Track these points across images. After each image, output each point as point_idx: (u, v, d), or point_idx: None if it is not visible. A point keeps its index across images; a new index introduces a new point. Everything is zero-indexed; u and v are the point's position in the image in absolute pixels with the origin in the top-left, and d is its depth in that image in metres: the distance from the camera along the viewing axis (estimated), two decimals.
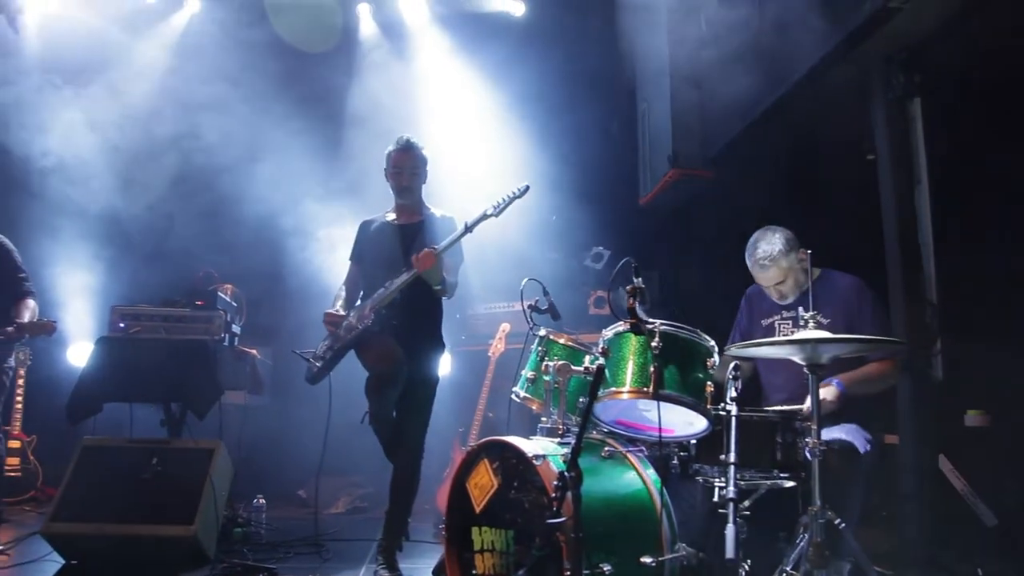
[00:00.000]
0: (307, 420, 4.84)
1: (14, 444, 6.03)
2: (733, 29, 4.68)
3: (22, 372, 6.10)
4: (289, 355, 4.18)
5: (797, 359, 2.72)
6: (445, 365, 5.62)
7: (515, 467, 2.74)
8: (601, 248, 5.92)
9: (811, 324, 2.73)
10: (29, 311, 4.45)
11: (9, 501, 5.48)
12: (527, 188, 3.83)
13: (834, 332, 3.01)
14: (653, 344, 2.68)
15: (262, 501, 4.97)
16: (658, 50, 5.73)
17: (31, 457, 6.18)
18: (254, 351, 5.45)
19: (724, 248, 4.65)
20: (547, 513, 2.37)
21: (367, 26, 7.00)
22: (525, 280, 3.41)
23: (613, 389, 2.73)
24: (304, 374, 3.98)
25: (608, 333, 2.88)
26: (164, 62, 6.85)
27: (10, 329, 4.27)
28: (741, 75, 4.65)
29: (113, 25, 6.66)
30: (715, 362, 2.81)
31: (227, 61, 6.39)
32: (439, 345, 4.08)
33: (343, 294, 4.12)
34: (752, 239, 3.53)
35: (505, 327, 5.44)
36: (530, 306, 3.39)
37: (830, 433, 3.10)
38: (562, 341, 3.16)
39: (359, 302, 4.02)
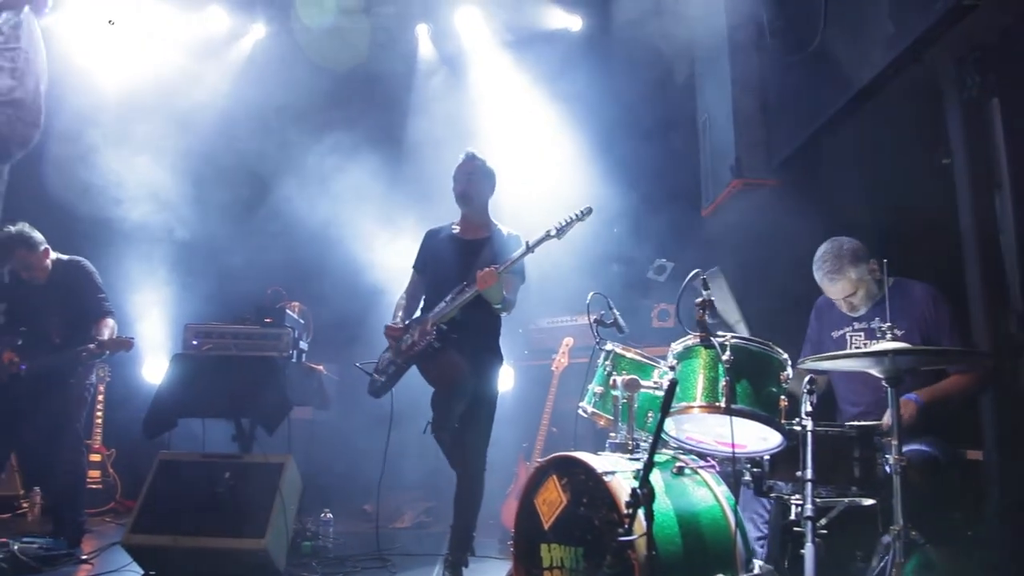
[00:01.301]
0: (373, 435, 4.88)
1: (94, 457, 6.26)
2: (797, 34, 4.59)
3: (101, 388, 6.34)
4: (354, 371, 4.22)
5: (875, 372, 2.63)
6: (508, 380, 5.64)
7: (584, 483, 2.71)
8: (664, 260, 5.85)
9: (888, 336, 2.64)
10: (108, 329, 4.65)
11: (91, 512, 5.68)
12: (590, 210, 3.80)
13: (910, 343, 2.91)
14: (724, 358, 2.63)
15: (329, 515, 5.04)
16: (718, 58, 5.67)
17: (110, 470, 6.40)
18: (320, 367, 5.55)
19: (790, 259, 4.54)
20: (618, 530, 2.33)
21: (426, 46, 7.09)
22: (591, 294, 3.39)
23: (683, 404, 2.69)
24: (367, 387, 4.02)
25: (677, 347, 2.84)
26: (230, 86, 7.07)
27: (92, 346, 4.48)
28: (806, 80, 4.56)
29: (182, 52, 6.89)
30: (789, 376, 2.74)
31: (292, 83, 6.57)
32: (498, 359, 4.08)
33: (404, 303, 4.16)
34: (820, 251, 3.44)
35: (568, 341, 5.41)
36: (595, 320, 3.37)
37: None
38: (630, 355, 3.13)
39: (419, 313, 4.06)
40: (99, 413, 6.37)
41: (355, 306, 6.15)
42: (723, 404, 2.59)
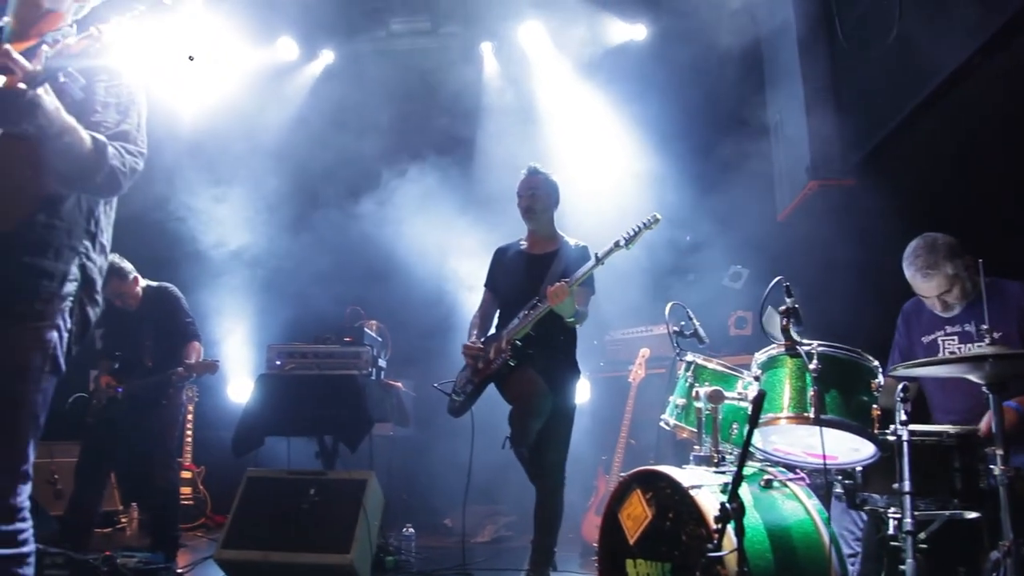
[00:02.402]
0: (451, 449, 4.93)
1: (185, 474, 6.50)
2: (871, 27, 4.46)
3: (191, 408, 6.59)
4: (431, 386, 4.27)
5: (974, 378, 2.51)
6: (584, 392, 5.61)
7: (670, 497, 2.67)
8: (739, 267, 5.74)
9: (987, 339, 2.52)
10: (196, 352, 4.83)
11: (184, 527, 5.89)
12: (657, 219, 3.74)
13: (1009, 346, 2.76)
14: (811, 367, 2.55)
15: (411, 530, 5.09)
16: (788, 56, 5.55)
17: (200, 486, 6.63)
18: (399, 384, 5.63)
19: (871, 262, 4.39)
20: (707, 546, 2.29)
21: (490, 63, 7.15)
22: (669, 304, 3.34)
23: (770, 415, 2.62)
24: (446, 407, 4.06)
25: (761, 356, 2.78)
26: (301, 111, 7.28)
27: (180, 370, 4.66)
28: (882, 74, 4.42)
29: (254, 80, 7.13)
30: (880, 383, 2.64)
31: (362, 106, 6.72)
32: (576, 373, 4.06)
33: (478, 322, 4.17)
34: (912, 247, 3.30)
35: (645, 352, 5.35)
36: (675, 331, 3.31)
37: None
38: (711, 366, 3.07)
39: (493, 330, 4.07)
40: (189, 432, 6.62)
41: (431, 322, 6.23)
42: (812, 414, 2.52)
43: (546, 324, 3.82)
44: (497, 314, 4.12)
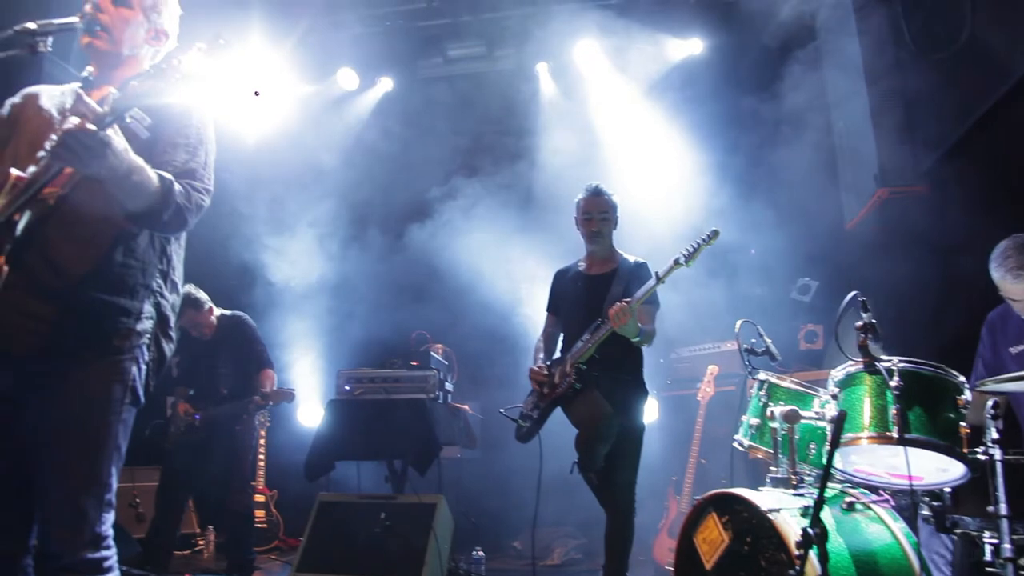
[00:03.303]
0: (519, 471, 4.92)
1: (259, 498, 6.63)
2: (939, 29, 4.32)
3: (263, 433, 6.74)
4: (498, 408, 4.27)
5: None
6: (652, 411, 5.52)
7: (747, 521, 2.60)
8: (808, 279, 5.60)
9: None
10: (270, 380, 4.95)
11: (258, 550, 6.00)
12: (716, 233, 3.65)
13: None
14: (893, 384, 2.46)
15: (481, 553, 5.08)
16: (851, 62, 5.41)
17: (273, 510, 6.76)
18: (466, 406, 5.65)
19: (948, 270, 4.23)
20: (789, 572, 2.22)
21: (547, 84, 7.17)
22: (739, 322, 3.27)
23: (850, 435, 2.53)
24: (513, 433, 4.04)
25: (838, 374, 2.69)
26: (362, 139, 7.43)
27: (256, 398, 4.79)
28: (952, 77, 4.27)
29: (316, 110, 7.32)
30: (967, 400, 2.52)
31: (421, 131, 6.83)
32: (643, 393, 3.99)
33: (542, 346, 4.14)
34: (1001, 248, 3.13)
35: (713, 369, 5.24)
36: (746, 348, 3.24)
37: None
38: (785, 384, 2.99)
39: (558, 354, 4.05)
40: (262, 457, 6.76)
41: (495, 344, 6.25)
42: (895, 434, 2.42)
43: (610, 345, 3.78)
44: (561, 337, 4.09)
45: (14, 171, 2.01)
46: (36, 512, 2.10)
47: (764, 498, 2.57)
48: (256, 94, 5.89)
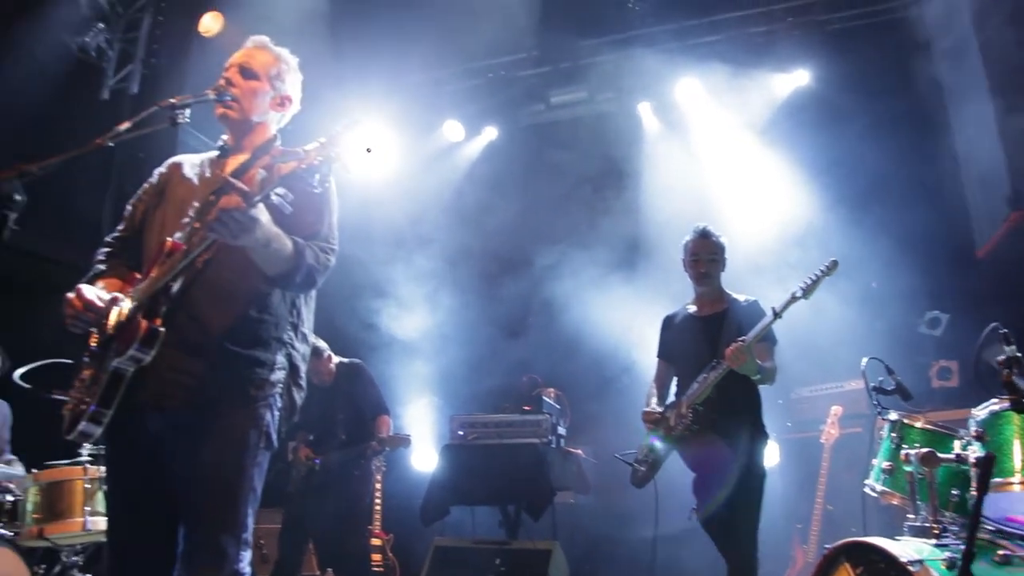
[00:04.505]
0: (634, 518, 4.81)
1: (376, 542, 6.73)
2: None
3: (379, 477, 6.87)
4: (611, 453, 4.20)
5: None
6: (772, 455, 5.30)
7: (884, 573, 2.43)
8: (937, 312, 5.28)
9: None
10: (386, 426, 5.07)
11: None
12: (835, 264, 3.53)
13: None
14: None
15: None
16: (972, 76, 5.15)
17: (389, 554, 6.84)
18: (579, 451, 5.60)
19: None
20: None
21: (650, 123, 7.13)
22: (865, 359, 3.11)
23: (1000, 480, 2.35)
24: (628, 478, 3.97)
25: (980, 413, 2.51)
26: (468, 187, 7.61)
27: (373, 443, 4.91)
28: None
29: (423, 161, 7.57)
30: None
31: (528, 177, 6.95)
32: (763, 435, 3.85)
33: (655, 391, 4.08)
34: None
35: (837, 410, 5.00)
36: (874, 387, 3.08)
37: None
38: (919, 425, 2.81)
39: (672, 398, 3.96)
40: (378, 501, 6.88)
41: (607, 387, 6.19)
42: None
43: (727, 386, 3.68)
44: (674, 381, 4.02)
45: (169, 239, 2.21)
46: (178, 551, 2.23)
47: (903, 548, 2.41)
48: (368, 151, 6.13)
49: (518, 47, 7.12)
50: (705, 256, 3.91)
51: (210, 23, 6.37)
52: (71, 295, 2.24)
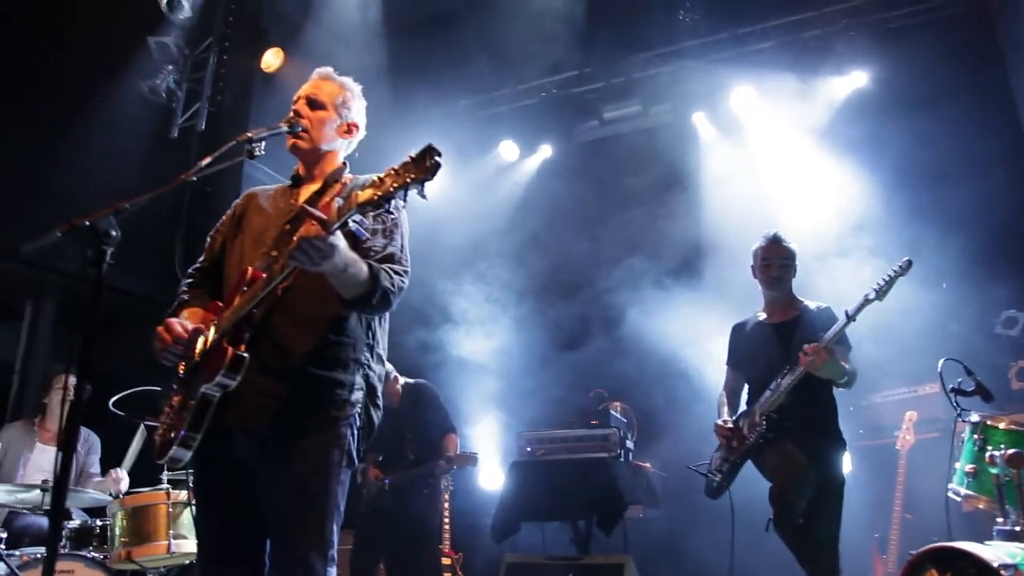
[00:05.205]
0: (708, 530, 4.75)
1: (446, 561, 6.77)
2: None
3: (446, 496, 6.93)
4: (681, 465, 4.18)
5: None
6: (845, 464, 5.19)
7: None
8: (1014, 311, 5.11)
9: None
10: (453, 445, 5.14)
11: None
12: (910, 263, 3.48)
13: None
14: None
15: None
16: None
17: (459, 572, 6.86)
18: (647, 464, 5.57)
19: None
20: None
21: (706, 132, 7.08)
22: (942, 360, 3.05)
23: None
24: (703, 489, 3.94)
25: None
26: (525, 205, 7.68)
27: (442, 462, 4.98)
28: None
29: (479, 182, 7.67)
30: None
31: (580, 191, 6.98)
32: (840, 443, 3.80)
33: (725, 401, 4.05)
34: None
35: (911, 415, 4.86)
36: (953, 389, 3.01)
37: None
38: (1003, 426, 2.74)
39: (743, 407, 3.93)
40: (446, 520, 6.93)
41: (673, 401, 6.13)
42: None
43: (801, 392, 3.64)
44: (745, 390, 3.98)
45: (250, 268, 2.31)
46: (266, 569, 2.31)
47: (995, 552, 2.35)
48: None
49: (570, 65, 7.22)
50: (777, 261, 3.89)
51: (271, 59, 6.63)
52: (160, 328, 2.34)
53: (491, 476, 7.00)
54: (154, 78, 6.38)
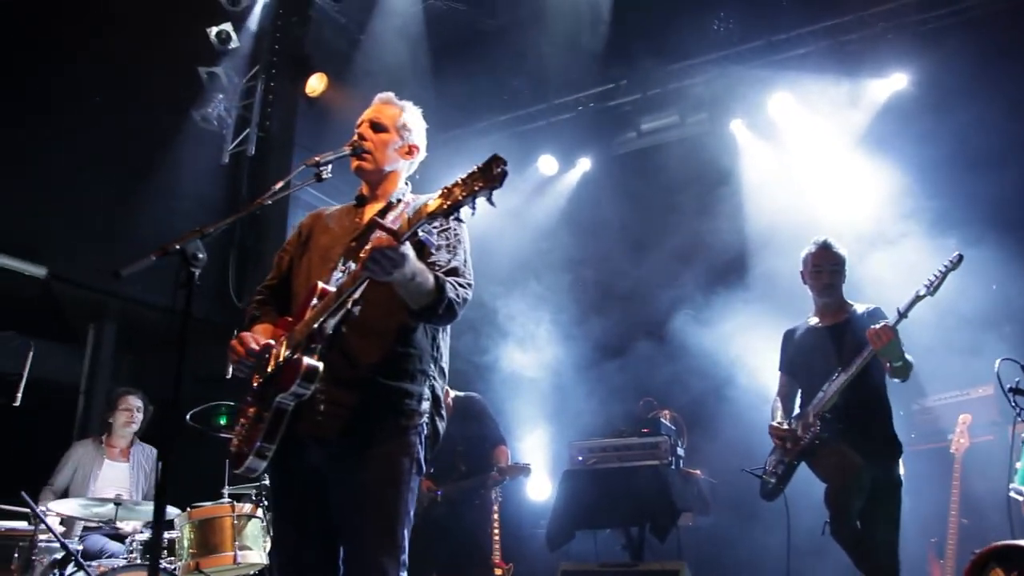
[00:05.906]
0: (759, 534, 4.75)
1: (497, 572, 6.80)
2: None
3: (496, 507, 6.99)
4: (731, 472, 4.20)
5: None
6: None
7: None
8: None
9: None
10: (504, 456, 5.22)
11: None
12: (960, 258, 3.50)
13: None
14: None
15: None
16: None
17: None
18: (698, 472, 5.58)
19: None
20: None
21: (745, 140, 7.08)
22: (999, 361, 3.06)
23: None
24: (759, 491, 3.96)
25: None
26: (568, 218, 7.76)
27: (493, 473, 5.06)
28: None
29: (521, 196, 7.77)
30: None
31: (623, 205, 7.04)
32: (895, 444, 3.80)
33: (779, 405, 4.07)
34: None
35: (965, 418, 4.82)
36: (1011, 388, 3.01)
37: None
38: None
39: (797, 411, 3.95)
40: (496, 530, 6.98)
41: (722, 408, 6.14)
42: None
43: (855, 392, 3.66)
44: (799, 394, 4.01)
45: (320, 284, 2.40)
46: (340, 574, 2.40)
47: None
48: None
49: (606, 78, 7.31)
50: (828, 267, 3.93)
51: (316, 84, 6.83)
52: (234, 341, 2.45)
53: (539, 487, 7.06)
54: (206, 107, 6.62)
